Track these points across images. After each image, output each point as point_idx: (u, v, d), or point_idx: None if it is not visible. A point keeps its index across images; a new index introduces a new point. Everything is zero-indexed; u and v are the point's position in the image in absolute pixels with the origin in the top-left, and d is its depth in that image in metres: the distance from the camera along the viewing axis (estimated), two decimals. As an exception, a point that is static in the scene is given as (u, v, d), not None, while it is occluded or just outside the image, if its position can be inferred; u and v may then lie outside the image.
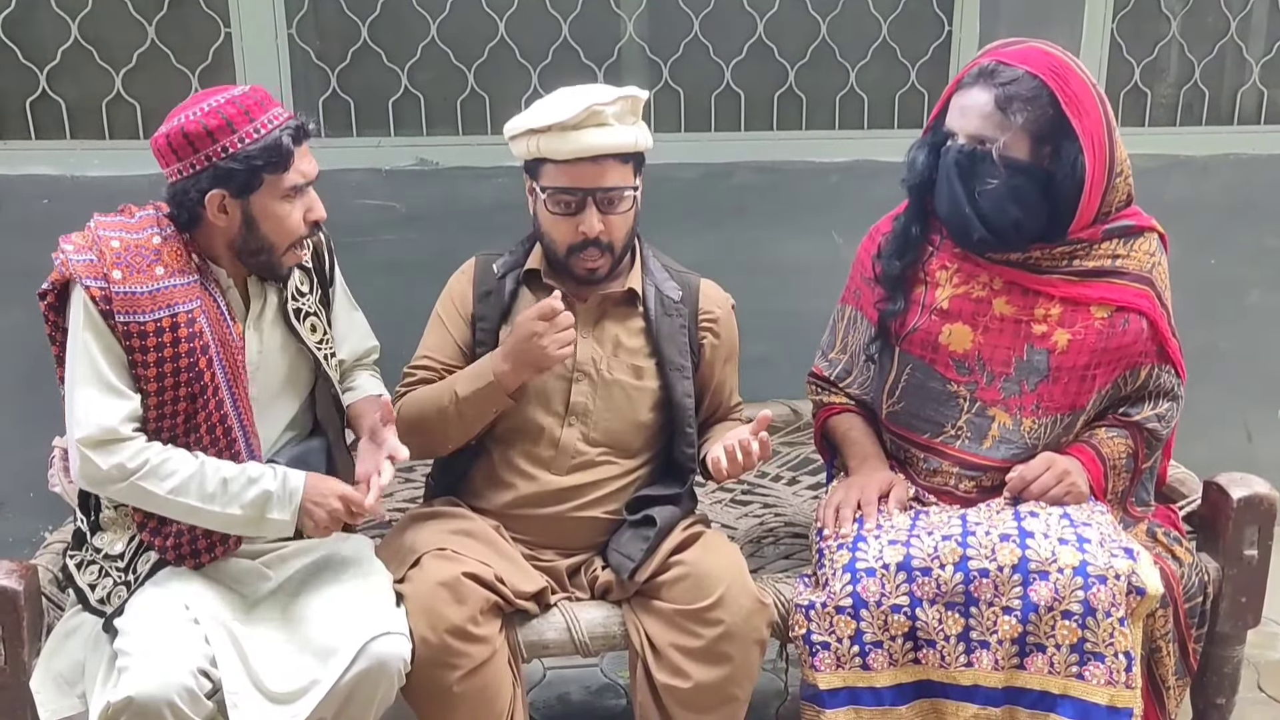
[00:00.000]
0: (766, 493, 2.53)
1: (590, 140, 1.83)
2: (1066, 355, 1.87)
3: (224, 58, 2.68)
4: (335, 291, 1.97)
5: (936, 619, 1.75)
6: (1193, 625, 1.95)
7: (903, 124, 2.95)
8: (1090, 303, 1.87)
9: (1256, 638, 2.11)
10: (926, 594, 1.75)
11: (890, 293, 1.98)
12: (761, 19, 2.84)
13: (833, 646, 1.78)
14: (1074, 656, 1.71)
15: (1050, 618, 1.71)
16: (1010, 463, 1.90)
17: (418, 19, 2.73)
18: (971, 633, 1.75)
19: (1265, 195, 3.06)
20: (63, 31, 2.63)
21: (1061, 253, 1.87)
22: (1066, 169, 1.79)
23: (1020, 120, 1.77)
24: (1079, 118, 1.77)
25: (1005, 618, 1.73)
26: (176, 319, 1.67)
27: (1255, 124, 3.11)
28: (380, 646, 1.65)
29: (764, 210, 2.85)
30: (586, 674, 2.52)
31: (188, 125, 1.66)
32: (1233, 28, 3.04)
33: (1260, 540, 1.97)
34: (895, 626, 1.76)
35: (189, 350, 1.67)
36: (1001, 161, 1.79)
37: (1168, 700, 1.94)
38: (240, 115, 1.67)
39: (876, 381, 2.05)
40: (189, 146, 1.66)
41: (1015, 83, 1.78)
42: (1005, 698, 1.76)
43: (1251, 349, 3.12)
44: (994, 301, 1.90)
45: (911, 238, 1.96)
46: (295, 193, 1.72)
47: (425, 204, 2.74)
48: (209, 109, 1.67)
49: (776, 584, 1.91)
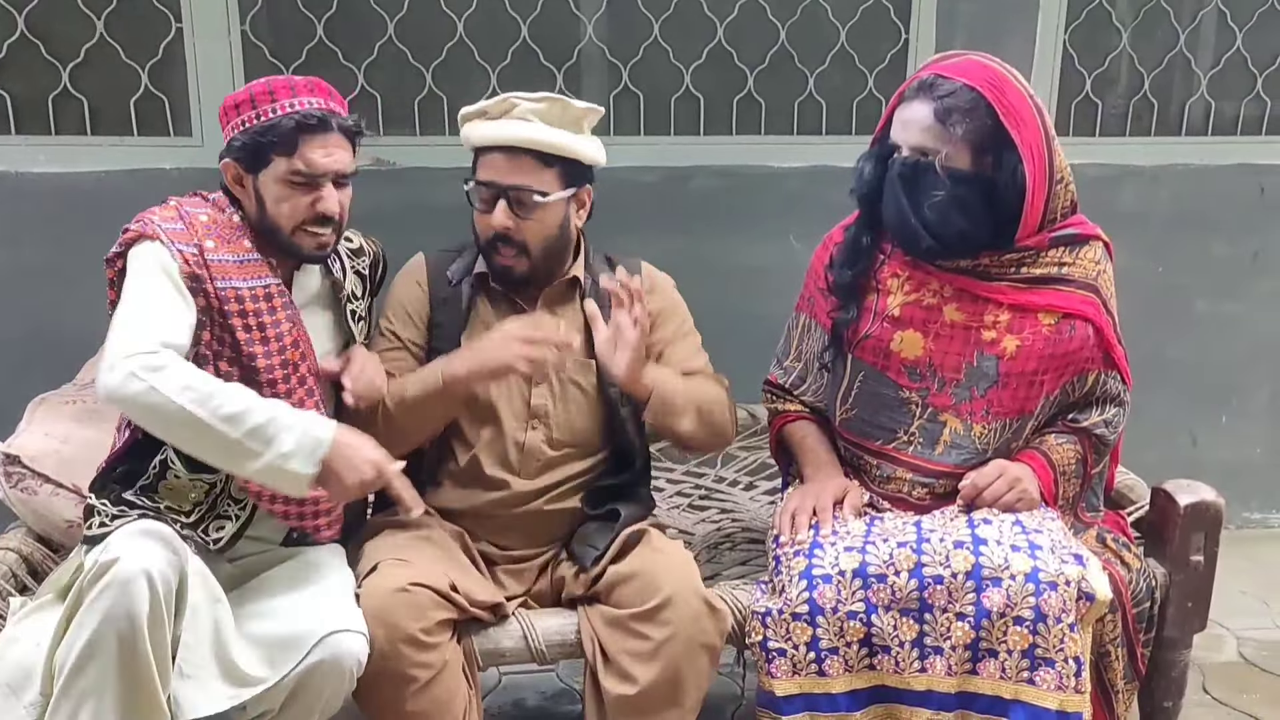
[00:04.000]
0: (724, 498, 2.53)
1: (502, 131, 1.87)
2: (1015, 361, 1.90)
3: (175, 53, 2.64)
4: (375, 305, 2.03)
5: (892, 625, 1.76)
6: (1141, 630, 1.97)
7: (860, 130, 2.97)
8: (1037, 309, 1.89)
9: (1203, 641, 2.14)
10: (882, 600, 1.76)
11: (842, 301, 2.00)
12: (721, 24, 2.85)
13: (789, 653, 1.78)
14: (1025, 662, 1.73)
15: (1002, 624, 1.73)
16: (962, 468, 1.92)
17: (375, 18, 2.70)
18: (926, 639, 1.76)
19: (1212, 205, 3.12)
20: (9, 25, 2.57)
21: (1009, 260, 1.89)
22: (1007, 178, 1.82)
23: (960, 131, 1.80)
24: (1017, 128, 1.80)
25: (959, 624, 1.74)
26: (269, 289, 1.74)
27: (1203, 134, 3.17)
28: (337, 641, 1.62)
29: (722, 214, 2.86)
30: (542, 679, 2.51)
31: (233, 96, 1.76)
32: (1182, 40, 3.10)
33: (1206, 546, 2.00)
34: (851, 633, 1.76)
35: (287, 319, 1.75)
36: (945, 172, 1.82)
37: (1116, 704, 1.96)
38: (265, 94, 1.73)
39: (830, 389, 2.06)
40: (225, 115, 1.76)
41: (953, 95, 1.80)
42: (958, 703, 1.77)
43: (1198, 356, 3.18)
44: (944, 308, 1.92)
45: (862, 247, 1.98)
46: (300, 179, 1.73)
47: (382, 205, 2.70)
48: (256, 85, 1.75)
49: (734, 590, 1.90)
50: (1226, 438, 3.28)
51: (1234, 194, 3.12)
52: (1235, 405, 3.28)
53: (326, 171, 1.75)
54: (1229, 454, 3.25)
